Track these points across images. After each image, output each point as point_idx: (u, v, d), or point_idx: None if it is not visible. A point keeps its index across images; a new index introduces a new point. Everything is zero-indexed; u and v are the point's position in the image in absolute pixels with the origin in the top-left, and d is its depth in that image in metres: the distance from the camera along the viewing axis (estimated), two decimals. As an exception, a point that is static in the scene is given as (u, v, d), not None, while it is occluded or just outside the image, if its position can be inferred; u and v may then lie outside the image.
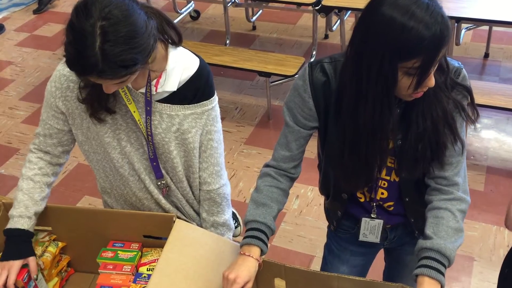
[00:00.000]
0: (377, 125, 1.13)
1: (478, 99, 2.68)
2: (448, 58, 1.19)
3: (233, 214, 2.45)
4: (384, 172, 1.29)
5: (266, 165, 1.34)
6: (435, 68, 1.08)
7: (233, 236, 1.54)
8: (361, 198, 1.36)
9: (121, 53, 1.11)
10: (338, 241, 1.53)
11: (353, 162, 1.21)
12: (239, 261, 1.21)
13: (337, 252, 1.54)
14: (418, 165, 1.23)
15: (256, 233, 1.24)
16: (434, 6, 1.03)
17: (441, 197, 1.25)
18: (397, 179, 1.30)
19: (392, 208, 1.36)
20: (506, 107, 2.66)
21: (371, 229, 1.40)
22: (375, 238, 1.41)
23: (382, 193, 1.33)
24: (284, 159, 1.31)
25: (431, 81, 1.09)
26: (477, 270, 2.27)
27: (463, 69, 1.21)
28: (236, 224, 2.45)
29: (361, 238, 1.42)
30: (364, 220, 1.38)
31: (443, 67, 1.16)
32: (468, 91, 1.20)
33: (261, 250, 1.23)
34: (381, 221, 1.38)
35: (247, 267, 1.20)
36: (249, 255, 1.21)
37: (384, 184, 1.31)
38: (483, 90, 2.75)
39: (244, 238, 1.25)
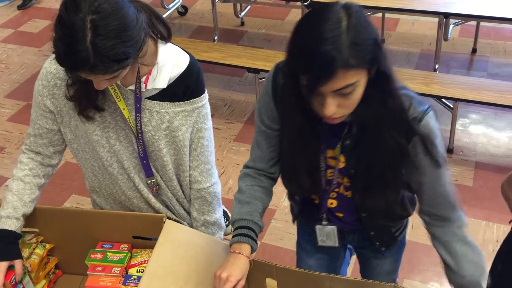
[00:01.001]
0: (301, 137, 1.15)
1: (467, 95, 2.70)
2: (418, 100, 1.12)
3: (224, 212, 2.44)
4: (334, 185, 1.27)
5: (245, 166, 1.34)
6: (331, 93, 1.00)
7: (224, 235, 1.53)
8: (315, 200, 1.35)
9: (113, 47, 1.08)
10: (303, 235, 1.54)
11: (289, 169, 1.24)
12: (230, 260, 1.20)
13: (303, 246, 1.55)
14: (371, 195, 1.22)
15: (244, 231, 1.24)
16: (347, 34, 0.95)
17: (444, 230, 1.23)
18: (349, 195, 1.28)
19: (342, 216, 1.35)
20: (495, 102, 2.68)
21: (326, 235, 1.40)
22: (333, 243, 1.41)
23: (332, 203, 1.33)
24: (259, 159, 1.31)
25: (326, 109, 1.02)
26: (466, 266, 2.28)
27: (429, 114, 1.12)
28: (227, 223, 2.43)
29: (320, 243, 1.42)
30: (318, 227, 1.39)
31: (387, 102, 1.07)
32: (424, 139, 1.12)
33: (251, 247, 1.23)
34: (334, 227, 1.37)
35: (239, 265, 1.19)
36: (239, 253, 1.20)
37: (333, 195, 1.30)
38: (472, 86, 2.76)
39: (233, 237, 1.24)
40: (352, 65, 0.96)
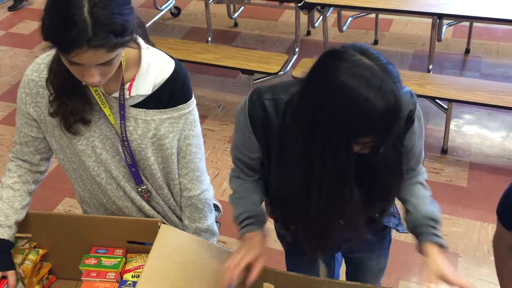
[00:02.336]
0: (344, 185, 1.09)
1: (461, 96, 2.70)
2: (405, 90, 1.13)
3: (215, 205, 2.43)
4: None
5: (232, 171, 1.36)
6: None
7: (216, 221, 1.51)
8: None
9: (112, 16, 1.06)
10: (291, 259, 1.57)
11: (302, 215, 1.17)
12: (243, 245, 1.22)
13: (294, 265, 1.55)
14: (379, 203, 1.26)
15: (248, 221, 1.25)
16: (388, 79, 0.98)
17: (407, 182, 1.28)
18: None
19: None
20: (488, 103, 2.68)
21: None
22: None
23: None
24: (243, 170, 1.32)
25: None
26: (462, 266, 2.28)
27: (415, 98, 1.16)
28: (217, 213, 2.41)
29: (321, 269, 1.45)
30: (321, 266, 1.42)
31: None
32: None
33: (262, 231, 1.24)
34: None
35: (253, 243, 1.21)
36: (251, 237, 1.22)
37: None
38: (466, 87, 2.77)
39: (241, 229, 1.25)
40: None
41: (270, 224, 2.74)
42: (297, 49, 3.55)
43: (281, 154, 1.18)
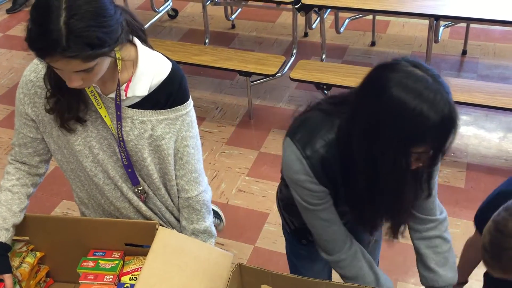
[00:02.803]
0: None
1: (458, 97, 2.70)
2: None
3: (216, 212, 2.42)
4: None
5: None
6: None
7: (216, 231, 1.50)
8: None
9: (87, 29, 1.06)
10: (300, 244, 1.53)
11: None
12: None
13: (306, 254, 1.53)
14: None
15: None
16: (442, 90, 1.00)
17: (425, 227, 1.34)
18: None
19: None
20: (485, 104, 2.69)
21: None
22: None
23: None
24: (340, 234, 1.30)
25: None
26: (460, 267, 2.28)
27: None
28: (218, 221, 2.41)
29: None
30: None
31: None
32: None
33: None
34: None
35: None
36: None
37: None
38: (463, 88, 2.78)
39: None
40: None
41: (272, 225, 2.73)
42: (294, 51, 3.56)
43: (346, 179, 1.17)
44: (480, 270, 1.48)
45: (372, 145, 1.04)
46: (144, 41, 1.33)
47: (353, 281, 1.30)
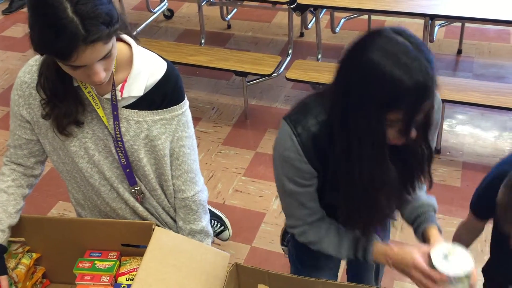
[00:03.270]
0: (373, 181, 1.11)
1: (453, 96, 2.71)
2: None
3: (219, 217, 2.41)
4: None
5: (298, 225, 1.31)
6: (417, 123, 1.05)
7: (222, 241, 1.49)
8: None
9: (96, 8, 1.06)
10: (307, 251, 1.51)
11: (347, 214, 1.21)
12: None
13: (310, 262, 1.51)
14: None
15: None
16: (421, 58, 0.99)
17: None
18: None
19: None
20: (481, 103, 2.70)
21: None
22: None
23: None
24: (308, 216, 1.28)
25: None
26: (456, 266, 2.28)
27: None
28: (223, 228, 2.39)
29: None
30: None
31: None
32: None
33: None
34: None
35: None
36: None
37: None
38: (458, 87, 2.78)
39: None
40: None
41: (268, 225, 2.73)
42: (290, 51, 3.56)
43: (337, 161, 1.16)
44: (478, 266, 1.48)
45: (347, 107, 1.04)
46: (135, 38, 1.32)
47: (317, 244, 1.29)
